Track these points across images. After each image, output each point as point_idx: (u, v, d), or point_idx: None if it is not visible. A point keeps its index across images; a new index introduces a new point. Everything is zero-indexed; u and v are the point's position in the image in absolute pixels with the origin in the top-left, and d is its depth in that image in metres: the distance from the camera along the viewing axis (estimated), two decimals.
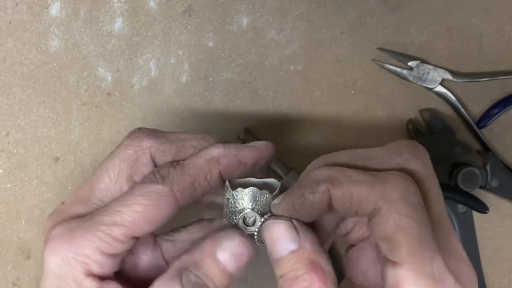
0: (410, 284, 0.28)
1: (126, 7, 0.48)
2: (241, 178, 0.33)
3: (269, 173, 0.38)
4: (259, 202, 0.32)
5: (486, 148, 0.50)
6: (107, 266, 0.31)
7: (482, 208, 0.48)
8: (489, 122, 0.49)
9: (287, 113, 0.49)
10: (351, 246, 0.35)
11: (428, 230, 0.29)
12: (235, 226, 0.32)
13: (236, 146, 0.33)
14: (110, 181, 0.34)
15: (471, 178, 0.48)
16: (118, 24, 0.48)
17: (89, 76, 0.49)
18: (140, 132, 0.35)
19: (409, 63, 0.49)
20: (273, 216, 0.31)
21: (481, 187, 0.49)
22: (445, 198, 0.47)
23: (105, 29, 0.48)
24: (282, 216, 0.31)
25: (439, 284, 0.28)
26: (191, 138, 0.35)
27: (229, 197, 0.32)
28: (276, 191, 0.32)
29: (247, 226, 0.32)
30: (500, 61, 0.49)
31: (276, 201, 0.31)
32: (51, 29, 0.48)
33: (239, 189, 0.32)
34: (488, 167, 0.49)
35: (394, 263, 0.29)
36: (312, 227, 0.31)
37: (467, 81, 0.49)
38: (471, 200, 0.48)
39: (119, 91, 0.49)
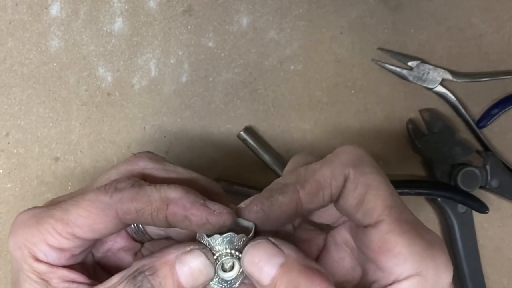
0: (396, 234, 0.29)
1: (126, 7, 0.48)
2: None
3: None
4: (237, 247, 0.31)
5: (486, 148, 0.50)
6: (52, 257, 0.32)
7: (482, 208, 0.48)
8: (489, 122, 0.49)
9: (287, 113, 0.49)
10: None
11: (391, 184, 0.31)
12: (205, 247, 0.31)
13: (193, 198, 0.31)
14: None
15: (471, 178, 0.48)
16: (118, 24, 0.48)
17: (89, 76, 0.49)
18: (145, 154, 0.36)
19: (409, 63, 0.49)
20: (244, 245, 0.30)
21: (481, 187, 0.49)
22: (445, 198, 0.48)
23: (105, 29, 0.48)
24: (258, 238, 0.30)
25: (418, 228, 0.30)
26: (184, 172, 0.35)
27: (205, 243, 0.31)
28: (252, 232, 0.31)
29: (225, 271, 0.31)
30: (500, 61, 0.49)
31: (242, 204, 0.31)
32: (51, 29, 0.48)
33: (216, 236, 0.31)
34: (488, 167, 0.49)
35: (373, 224, 0.30)
36: None
37: (467, 81, 0.49)
38: (471, 200, 0.48)
39: (119, 91, 0.49)
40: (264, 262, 0.29)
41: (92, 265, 0.36)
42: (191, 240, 0.33)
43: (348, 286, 0.34)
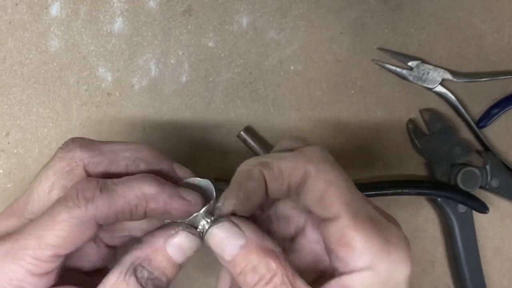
0: (353, 230, 0.31)
1: (126, 7, 0.48)
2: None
3: None
4: (213, 214, 0.34)
5: (486, 148, 0.50)
6: (42, 283, 0.32)
7: (482, 208, 0.48)
8: (489, 122, 0.49)
9: (287, 113, 0.50)
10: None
11: (352, 183, 0.33)
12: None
13: (169, 191, 0.33)
14: (44, 192, 0.34)
15: (471, 178, 0.48)
16: (118, 24, 0.48)
17: (89, 76, 0.49)
18: (73, 143, 0.35)
19: (409, 63, 0.49)
20: (215, 220, 0.33)
21: (481, 187, 0.49)
22: (445, 198, 0.48)
23: (105, 29, 0.48)
24: (221, 219, 0.33)
25: (376, 224, 0.32)
26: (123, 149, 0.35)
27: (185, 222, 0.34)
28: (215, 195, 0.34)
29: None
30: (500, 61, 0.49)
31: (219, 203, 0.33)
32: (51, 29, 0.48)
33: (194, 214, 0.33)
34: (488, 167, 0.49)
35: (332, 219, 0.32)
36: None
37: (467, 81, 0.49)
38: (471, 200, 0.48)
39: (119, 91, 0.49)
40: (225, 243, 0.32)
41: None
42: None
43: (320, 267, 0.36)
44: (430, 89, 0.49)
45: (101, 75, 0.49)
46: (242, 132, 0.48)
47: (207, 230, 0.33)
